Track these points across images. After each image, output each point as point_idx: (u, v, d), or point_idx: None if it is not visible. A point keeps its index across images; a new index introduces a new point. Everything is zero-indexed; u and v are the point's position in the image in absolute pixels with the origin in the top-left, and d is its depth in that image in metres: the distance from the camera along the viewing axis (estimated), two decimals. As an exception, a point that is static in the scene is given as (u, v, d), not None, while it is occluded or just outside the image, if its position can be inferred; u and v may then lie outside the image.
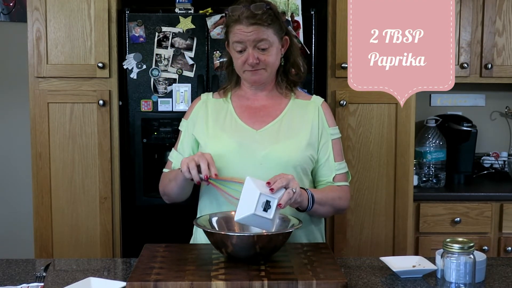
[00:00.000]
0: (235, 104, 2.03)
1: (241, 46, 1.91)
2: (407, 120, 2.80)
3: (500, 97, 3.52)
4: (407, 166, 2.82)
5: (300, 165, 1.92)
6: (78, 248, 2.79)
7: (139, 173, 2.78)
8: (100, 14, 2.71)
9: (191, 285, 1.48)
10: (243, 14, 1.89)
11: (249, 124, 1.97)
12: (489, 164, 3.38)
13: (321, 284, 1.48)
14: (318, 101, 2.04)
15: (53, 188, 2.78)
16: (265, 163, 1.88)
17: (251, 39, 1.89)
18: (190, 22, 2.72)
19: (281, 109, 2.00)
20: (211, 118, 2.01)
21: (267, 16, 1.90)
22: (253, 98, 2.03)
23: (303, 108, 2.01)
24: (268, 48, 1.91)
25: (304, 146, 1.94)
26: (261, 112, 2.00)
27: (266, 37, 1.90)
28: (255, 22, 1.88)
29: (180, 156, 2.02)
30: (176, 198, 2.01)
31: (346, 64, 2.73)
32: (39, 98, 2.74)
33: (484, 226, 2.96)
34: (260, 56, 1.91)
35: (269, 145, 1.91)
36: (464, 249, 1.55)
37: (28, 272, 1.77)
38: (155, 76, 2.74)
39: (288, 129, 1.96)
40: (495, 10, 3.15)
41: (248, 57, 1.91)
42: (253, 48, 1.90)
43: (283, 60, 2.01)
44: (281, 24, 1.96)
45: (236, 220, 1.65)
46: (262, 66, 1.93)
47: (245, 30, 1.89)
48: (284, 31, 1.98)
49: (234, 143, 1.92)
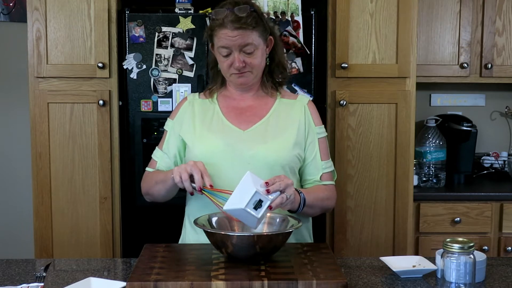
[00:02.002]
0: (221, 105, 2.03)
1: (226, 51, 1.91)
2: (407, 120, 2.80)
3: (500, 97, 3.52)
4: (407, 166, 2.82)
5: (288, 164, 1.93)
6: (78, 248, 2.79)
7: (139, 173, 2.78)
8: (100, 14, 2.71)
9: (191, 285, 1.48)
10: (228, 17, 1.88)
11: (236, 125, 1.97)
12: (489, 164, 3.38)
13: (321, 284, 1.48)
14: (304, 100, 2.05)
15: (53, 188, 2.78)
16: (253, 163, 1.89)
17: (236, 44, 1.89)
18: (190, 22, 2.72)
19: (267, 109, 2.00)
20: (197, 119, 2.01)
21: (252, 19, 1.89)
22: (239, 98, 2.03)
23: (289, 107, 2.02)
24: (254, 51, 1.91)
25: (291, 145, 1.94)
26: (248, 113, 2.00)
27: (251, 41, 1.90)
28: (239, 26, 1.87)
29: (165, 155, 2.02)
30: (160, 199, 2.01)
31: (346, 64, 2.76)
32: (39, 98, 2.74)
33: (484, 226, 2.96)
34: (246, 60, 1.91)
35: (256, 145, 1.91)
36: (464, 249, 1.55)
37: (28, 272, 1.77)
38: (155, 76, 2.74)
39: (275, 128, 1.96)
40: (495, 10, 3.15)
41: (234, 61, 1.91)
42: (239, 52, 1.90)
43: (268, 60, 2.01)
44: (265, 25, 1.95)
45: (224, 209, 1.65)
46: (248, 69, 1.93)
47: (230, 35, 1.88)
48: (268, 32, 1.97)
49: (221, 144, 1.92)
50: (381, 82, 2.79)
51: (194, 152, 1.95)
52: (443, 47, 3.18)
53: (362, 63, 2.78)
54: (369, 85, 2.79)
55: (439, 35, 3.18)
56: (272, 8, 2.68)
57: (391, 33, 2.77)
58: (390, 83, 2.80)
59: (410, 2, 2.75)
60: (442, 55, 3.19)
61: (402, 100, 2.79)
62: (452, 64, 3.19)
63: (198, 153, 1.93)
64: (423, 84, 3.22)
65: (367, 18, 2.77)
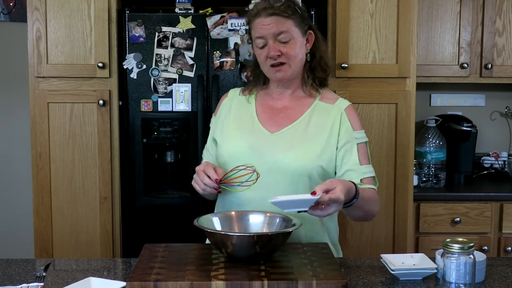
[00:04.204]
0: (258, 103, 2.00)
1: (262, 41, 1.89)
2: (407, 120, 2.80)
3: (500, 97, 3.52)
4: (407, 166, 2.82)
5: (310, 173, 1.87)
6: (78, 248, 2.79)
7: (139, 173, 2.78)
8: (100, 14, 2.71)
9: (191, 285, 1.48)
10: (262, 6, 1.88)
11: (266, 127, 1.94)
12: (489, 164, 3.38)
13: (321, 284, 1.48)
14: (342, 105, 1.97)
15: (53, 188, 2.78)
16: (275, 169, 1.85)
17: (271, 32, 1.86)
18: (190, 22, 2.72)
19: (302, 111, 1.95)
20: (232, 116, 1.99)
21: (286, 7, 1.87)
22: (277, 97, 1.99)
23: (325, 112, 1.95)
24: (289, 40, 1.88)
25: (317, 155, 1.88)
26: (281, 114, 1.96)
27: (286, 29, 1.87)
28: (273, 12, 1.86)
29: (209, 153, 2.03)
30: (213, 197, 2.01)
31: (347, 64, 2.76)
32: (39, 98, 2.74)
33: (484, 226, 2.96)
34: (282, 49, 1.87)
35: (280, 150, 1.88)
36: (464, 249, 1.55)
37: (28, 272, 1.77)
38: (155, 76, 2.74)
39: (304, 134, 1.90)
40: (495, 10, 3.15)
41: (269, 51, 1.88)
42: (274, 41, 1.87)
43: (309, 56, 1.97)
44: (303, 17, 1.92)
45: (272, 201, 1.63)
46: (284, 60, 1.88)
47: (264, 23, 1.86)
48: (307, 25, 1.94)
49: (245, 145, 1.90)
50: (381, 82, 2.79)
51: (221, 151, 1.94)
52: (443, 47, 3.18)
53: (362, 63, 2.78)
54: (369, 85, 2.79)
55: (439, 35, 3.18)
56: (272, 8, 2.68)
57: (391, 33, 2.77)
58: (390, 83, 2.80)
59: (410, 2, 2.75)
60: (442, 55, 3.19)
61: (402, 100, 2.79)
62: (452, 64, 3.18)
63: (224, 152, 1.91)
64: (423, 84, 3.22)
65: (367, 18, 2.77)
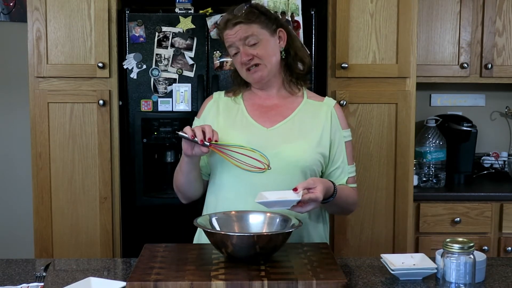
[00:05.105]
0: (246, 103, 2.03)
1: (234, 49, 1.96)
2: (407, 120, 2.80)
3: (500, 97, 3.52)
4: (407, 166, 2.82)
5: (309, 167, 1.91)
6: (78, 248, 2.79)
7: (139, 173, 2.78)
8: (100, 14, 2.71)
9: (191, 285, 1.48)
10: (226, 18, 1.96)
11: (260, 122, 1.97)
12: (489, 164, 3.38)
13: (321, 284, 1.48)
14: (331, 103, 2.03)
15: (53, 188, 2.78)
16: (274, 162, 1.87)
17: (238, 38, 1.93)
18: (190, 22, 2.72)
19: (293, 108, 2.00)
20: (222, 116, 2.01)
21: (249, 14, 1.94)
22: (264, 97, 2.03)
23: (315, 109, 2.00)
24: (257, 42, 1.93)
25: (314, 148, 1.93)
26: (273, 111, 1.99)
27: (251, 33, 1.93)
28: (236, 21, 1.93)
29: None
30: (186, 189, 1.99)
31: (346, 64, 2.76)
32: (39, 98, 2.74)
33: (484, 226, 2.96)
34: (252, 51, 1.93)
35: (279, 144, 1.91)
36: (464, 249, 1.55)
37: (28, 272, 1.77)
38: (155, 76, 2.74)
39: (299, 129, 1.95)
40: (495, 10, 3.15)
41: (241, 57, 1.94)
42: (243, 46, 1.93)
43: (283, 54, 2.01)
44: (269, 18, 1.98)
45: (258, 201, 1.71)
46: (257, 61, 1.94)
47: (231, 33, 1.94)
48: (275, 24, 1.98)
49: (243, 141, 1.91)
50: (381, 82, 2.79)
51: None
52: (443, 47, 3.18)
53: (362, 63, 2.78)
54: (369, 85, 2.79)
55: (439, 35, 3.18)
56: (272, 8, 2.67)
57: (391, 33, 2.77)
58: (390, 83, 2.80)
59: (410, 2, 2.75)
60: (442, 55, 3.19)
61: (402, 100, 2.79)
62: (452, 64, 3.19)
63: None
64: (423, 84, 3.22)
65: (367, 18, 2.77)
